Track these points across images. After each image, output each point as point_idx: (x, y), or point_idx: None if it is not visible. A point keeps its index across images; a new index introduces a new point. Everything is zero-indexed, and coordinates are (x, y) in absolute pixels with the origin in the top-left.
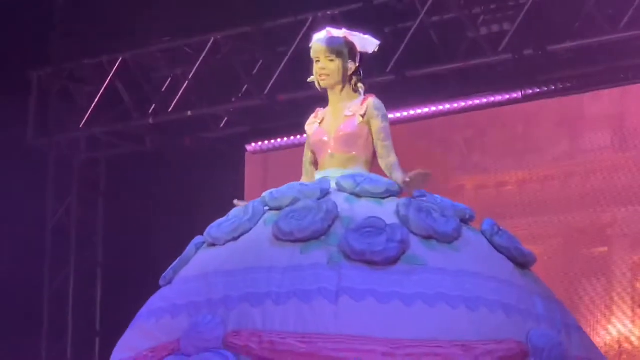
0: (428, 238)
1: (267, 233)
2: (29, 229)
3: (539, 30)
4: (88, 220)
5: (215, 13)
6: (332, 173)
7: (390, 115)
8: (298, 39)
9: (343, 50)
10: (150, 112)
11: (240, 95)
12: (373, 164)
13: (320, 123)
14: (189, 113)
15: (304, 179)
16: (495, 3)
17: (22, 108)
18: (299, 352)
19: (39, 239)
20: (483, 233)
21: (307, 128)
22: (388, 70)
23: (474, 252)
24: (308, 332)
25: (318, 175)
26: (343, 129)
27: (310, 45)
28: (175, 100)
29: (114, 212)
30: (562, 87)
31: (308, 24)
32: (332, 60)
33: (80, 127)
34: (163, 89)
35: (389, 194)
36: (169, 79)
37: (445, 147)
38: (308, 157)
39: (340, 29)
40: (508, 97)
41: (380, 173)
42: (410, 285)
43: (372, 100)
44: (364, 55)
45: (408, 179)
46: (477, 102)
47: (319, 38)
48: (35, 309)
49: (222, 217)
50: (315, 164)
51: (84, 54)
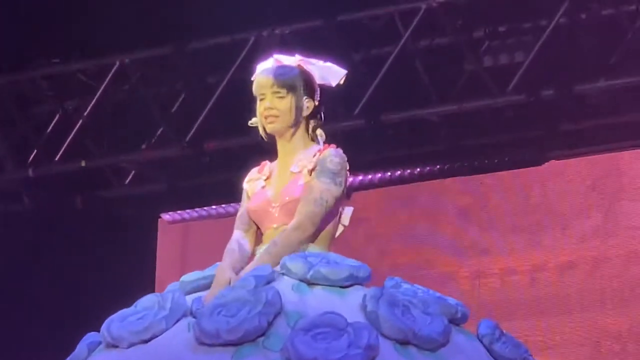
0: (404, 343)
1: (187, 335)
2: None
3: (564, 64)
4: None
5: (122, 28)
6: None
7: (359, 176)
8: (234, 66)
9: (296, 84)
10: (30, 161)
11: (154, 141)
12: (334, 239)
13: (266, 180)
14: (83, 163)
15: (227, 257)
16: (506, 24)
17: None
18: None
19: None
20: (479, 338)
21: (246, 185)
22: (356, 113)
23: None
24: None
25: (258, 254)
26: (287, 192)
27: (253, 78)
28: (65, 146)
29: None
30: (593, 140)
31: (248, 46)
32: (281, 97)
33: None
34: (48, 130)
35: (353, 281)
36: (57, 116)
37: (433, 219)
38: (243, 223)
39: (293, 55)
40: (520, 156)
41: (344, 251)
42: None
43: (328, 152)
44: (326, 91)
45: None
46: (476, 162)
47: (265, 68)
48: None
49: (125, 305)
50: (254, 235)
51: None
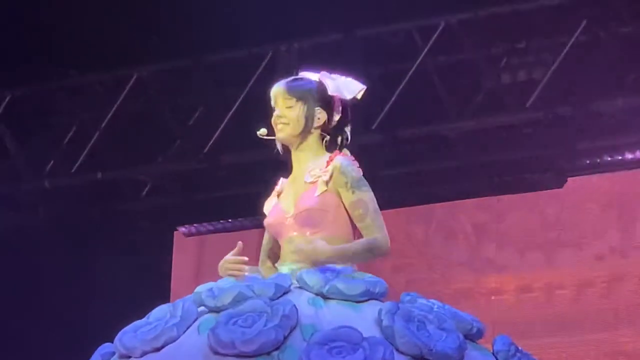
0: (419, 359)
1: (200, 343)
2: None
3: (582, 81)
4: None
5: (140, 41)
6: (293, 266)
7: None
8: (252, 80)
9: (308, 94)
10: (47, 171)
11: (171, 154)
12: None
13: (279, 197)
14: (99, 175)
15: (262, 266)
16: (524, 41)
17: None
18: None
19: None
20: (495, 355)
21: (265, 207)
22: (374, 128)
23: None
24: None
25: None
26: (302, 203)
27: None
28: (82, 157)
29: None
30: (610, 159)
31: (267, 60)
32: (291, 106)
33: None
34: (65, 141)
35: (369, 297)
36: (74, 128)
37: (448, 235)
38: (265, 246)
39: (318, 72)
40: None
41: (359, 267)
42: None
43: (338, 161)
44: (347, 104)
45: None
46: (496, 186)
47: (279, 82)
48: None
49: (139, 317)
50: (275, 256)
51: None
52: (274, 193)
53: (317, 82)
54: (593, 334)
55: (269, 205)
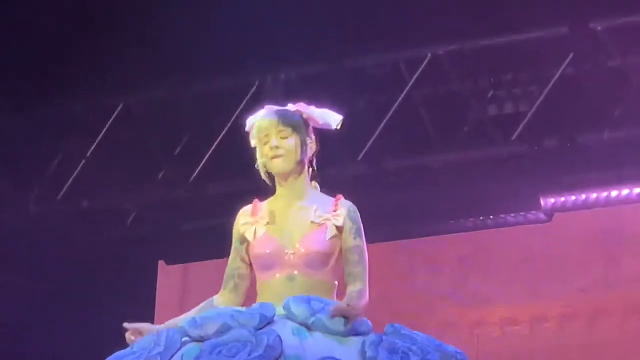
0: None
1: None
2: None
3: (568, 115)
4: None
5: (127, 69)
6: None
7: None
8: (239, 110)
9: (300, 124)
10: (33, 199)
11: (156, 183)
12: (338, 290)
13: (267, 225)
14: (85, 204)
15: (220, 298)
16: (511, 73)
17: None
18: None
19: None
20: None
21: (241, 228)
22: (360, 159)
23: None
24: None
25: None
26: (310, 244)
27: (249, 128)
28: (67, 185)
29: None
30: (596, 194)
31: (253, 90)
32: (286, 137)
33: None
34: (51, 169)
35: (354, 334)
36: (60, 156)
37: (432, 267)
38: (232, 267)
39: (286, 105)
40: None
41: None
42: None
43: (348, 206)
44: (321, 139)
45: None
46: (480, 219)
47: (265, 113)
48: None
49: (123, 346)
50: (233, 293)
51: None
52: (258, 219)
53: (300, 114)
54: None
55: (252, 231)
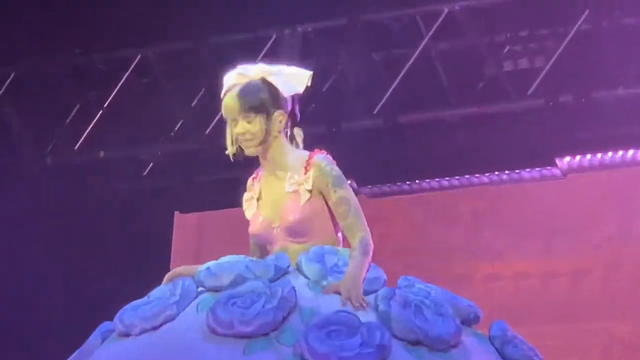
0: (415, 344)
1: (199, 322)
2: None
3: (583, 71)
4: None
5: (145, 21)
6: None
7: (376, 185)
8: (256, 63)
9: (263, 103)
10: (49, 149)
11: (173, 135)
12: (345, 239)
13: (259, 201)
14: (102, 154)
15: None
16: (527, 29)
17: None
18: None
19: None
20: (491, 340)
21: (244, 206)
22: (375, 112)
23: None
24: None
25: None
26: (288, 217)
27: (222, 96)
28: (84, 136)
29: None
30: (610, 149)
31: (270, 43)
32: (250, 121)
33: None
34: (68, 119)
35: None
36: (77, 107)
37: (447, 221)
38: (253, 245)
39: (256, 63)
40: (538, 170)
41: None
42: None
43: (316, 163)
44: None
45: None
46: (495, 174)
47: (229, 90)
48: None
49: (138, 296)
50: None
51: None
52: (252, 195)
53: (265, 84)
54: (589, 323)
55: (250, 211)
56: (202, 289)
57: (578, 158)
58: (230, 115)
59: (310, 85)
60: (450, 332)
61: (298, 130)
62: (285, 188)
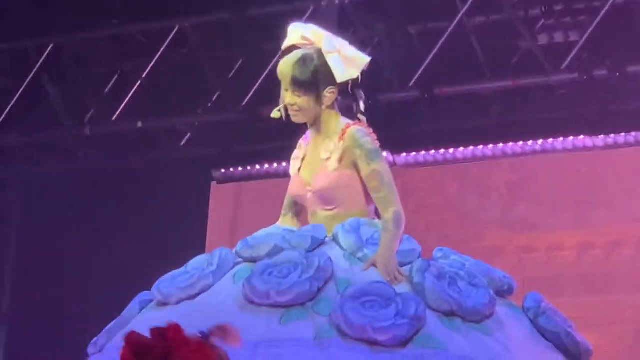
0: (450, 315)
1: (235, 292)
2: None
3: (618, 44)
4: None
5: None
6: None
7: (411, 152)
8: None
9: (313, 82)
10: (87, 119)
11: (210, 106)
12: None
13: (302, 161)
14: (139, 124)
15: (281, 226)
16: (563, 3)
17: None
18: None
19: None
20: (525, 312)
21: (291, 162)
22: (411, 85)
23: (511, 336)
24: None
25: None
26: (318, 181)
27: (283, 48)
28: (122, 107)
29: (29, 249)
30: None
31: (308, 15)
32: (299, 96)
33: None
34: (106, 90)
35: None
36: (115, 77)
37: (481, 192)
38: (287, 207)
39: (317, 27)
40: (572, 139)
41: None
42: None
43: (350, 134)
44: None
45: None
46: (529, 144)
47: (287, 57)
48: None
49: (175, 265)
50: (298, 214)
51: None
52: (299, 154)
53: (321, 62)
54: (623, 294)
55: (294, 169)
56: (239, 260)
57: (612, 135)
58: (283, 81)
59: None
60: (485, 303)
61: (361, 109)
62: (321, 155)
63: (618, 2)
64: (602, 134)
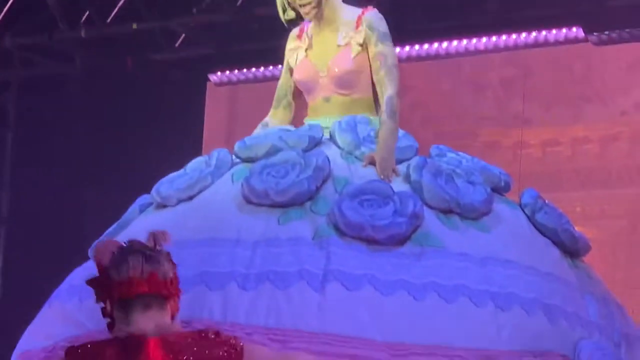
0: (447, 212)
1: (234, 192)
2: None
3: None
4: None
5: None
6: (326, 123)
7: (405, 46)
8: None
9: None
10: (83, 21)
11: (205, 6)
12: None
13: (307, 50)
14: (135, 26)
15: (272, 119)
16: None
17: None
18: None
19: None
20: (522, 208)
21: (288, 54)
22: None
23: (508, 232)
24: (283, 327)
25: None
26: (338, 66)
27: None
28: (117, 8)
29: (27, 152)
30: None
31: None
32: None
33: None
34: None
35: (399, 158)
36: None
37: (476, 89)
38: (284, 88)
39: None
40: (566, 31)
41: None
42: (422, 273)
43: (367, 18)
44: None
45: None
46: (523, 36)
47: None
48: None
49: (173, 168)
50: (290, 105)
51: None
52: (301, 44)
53: None
54: (618, 189)
55: (295, 56)
56: (237, 161)
57: (607, 32)
58: None
59: None
60: (481, 199)
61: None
62: (337, 41)
63: None
64: (597, 31)
